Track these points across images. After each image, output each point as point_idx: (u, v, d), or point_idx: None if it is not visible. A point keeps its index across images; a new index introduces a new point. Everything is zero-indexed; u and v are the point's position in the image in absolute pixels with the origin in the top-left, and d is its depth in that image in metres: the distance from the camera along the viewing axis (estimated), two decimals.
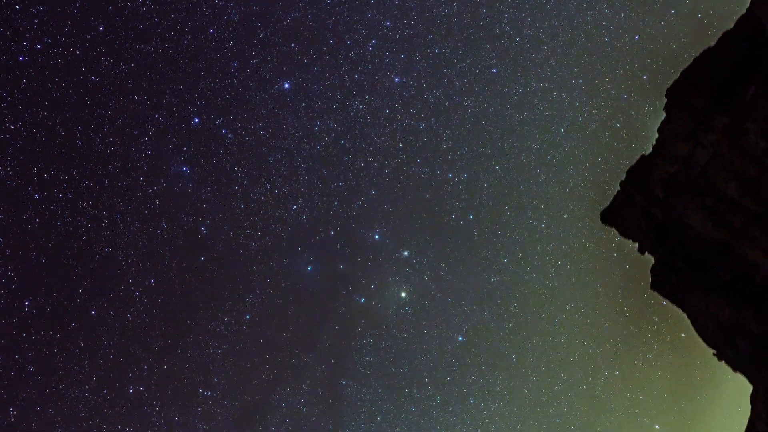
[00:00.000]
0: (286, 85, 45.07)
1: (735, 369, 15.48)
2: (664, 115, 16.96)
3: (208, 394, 45.55)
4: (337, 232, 48.13)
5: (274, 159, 45.70)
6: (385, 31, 45.72)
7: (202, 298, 45.70)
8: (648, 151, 17.74)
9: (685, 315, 17.34)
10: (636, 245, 18.65)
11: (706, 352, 17.01)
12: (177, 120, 42.62)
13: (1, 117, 37.26)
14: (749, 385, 15.73)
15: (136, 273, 43.25)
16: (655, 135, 17.43)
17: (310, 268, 48.34)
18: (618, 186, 18.59)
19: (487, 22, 46.97)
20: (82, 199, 40.98)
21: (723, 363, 16.06)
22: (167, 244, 43.91)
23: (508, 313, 50.56)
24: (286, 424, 46.91)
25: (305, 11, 43.68)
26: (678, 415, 48.20)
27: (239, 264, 46.35)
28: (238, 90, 43.66)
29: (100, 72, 39.77)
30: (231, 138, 44.30)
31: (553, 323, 50.27)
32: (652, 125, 47.35)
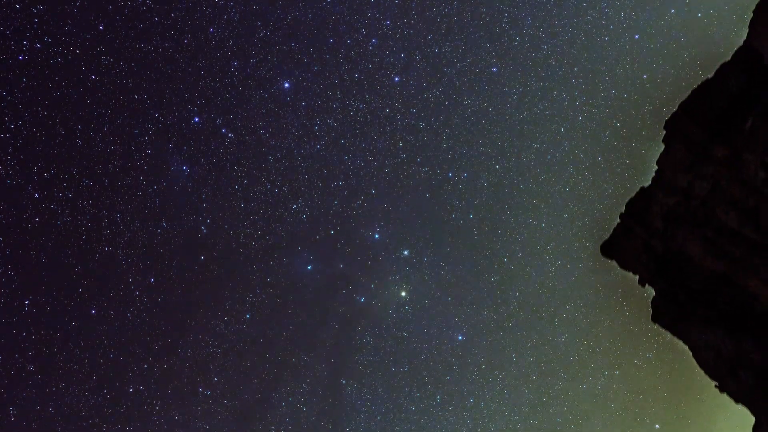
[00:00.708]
0: (286, 85, 45.11)
1: (737, 401, 15.40)
2: (662, 145, 17.08)
3: (208, 393, 45.61)
4: (337, 231, 48.18)
5: (274, 158, 45.74)
6: (385, 30, 45.74)
7: (202, 297, 45.76)
8: (647, 182, 17.88)
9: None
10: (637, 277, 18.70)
11: None
12: (177, 119, 42.67)
13: (1, 117, 37.28)
14: None
15: (136, 273, 43.32)
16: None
17: (310, 268, 48.38)
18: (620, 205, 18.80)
19: (487, 21, 47.00)
20: (82, 199, 41.02)
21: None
22: (167, 243, 43.96)
23: (508, 313, 50.59)
24: (286, 424, 46.95)
25: (305, 11, 43.70)
26: (678, 415, 48.24)
27: (239, 264, 46.41)
28: (238, 89, 43.70)
29: (100, 72, 39.81)
30: (231, 137, 44.34)
31: (553, 323, 50.30)
32: (652, 126, 47.40)
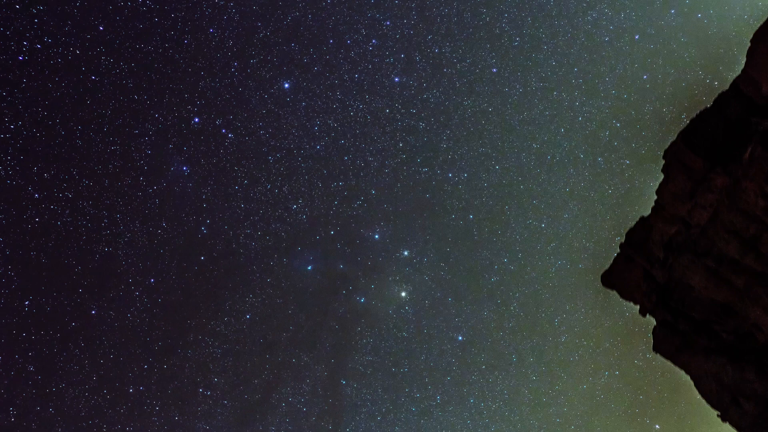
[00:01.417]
0: (286, 85, 45.12)
1: (740, 430, 15.36)
2: (662, 176, 17.16)
3: (208, 393, 45.59)
4: (337, 232, 48.18)
5: (274, 159, 45.75)
6: (385, 30, 45.75)
7: (202, 298, 45.74)
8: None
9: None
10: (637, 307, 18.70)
11: None
12: (177, 120, 42.68)
13: (1, 117, 37.30)
14: None
15: (136, 273, 43.31)
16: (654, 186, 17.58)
17: (310, 268, 48.38)
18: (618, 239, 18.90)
19: (487, 22, 47.00)
20: (82, 199, 41.03)
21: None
22: (167, 244, 43.96)
23: (508, 313, 50.57)
24: (286, 424, 46.93)
25: (305, 11, 43.71)
26: (678, 415, 48.23)
27: (239, 264, 46.41)
28: (238, 90, 43.71)
29: (100, 72, 39.82)
30: (231, 138, 44.35)
31: (553, 323, 50.26)
32: (652, 126, 47.39)
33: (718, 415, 16.01)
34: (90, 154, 40.72)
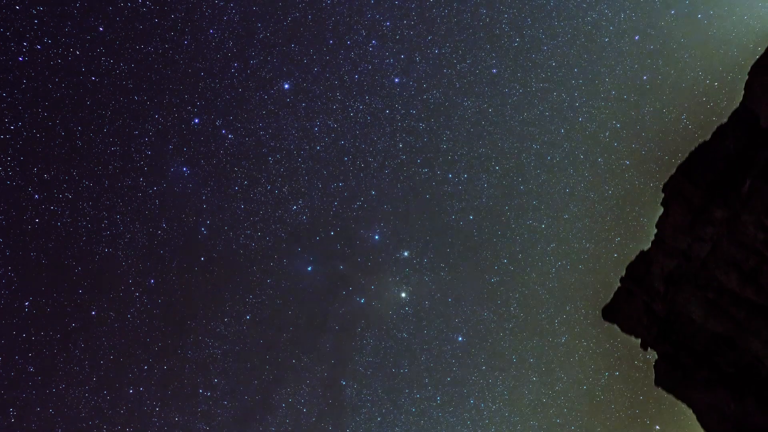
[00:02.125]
0: (286, 86, 45.13)
1: None
2: (661, 209, 17.27)
3: (208, 394, 45.58)
4: (337, 232, 48.18)
5: (274, 159, 45.76)
6: (385, 31, 45.77)
7: (202, 298, 45.73)
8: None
9: None
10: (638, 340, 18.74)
11: None
12: (177, 120, 42.68)
13: (1, 117, 37.29)
14: None
15: (136, 273, 43.30)
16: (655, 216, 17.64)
17: (310, 269, 48.38)
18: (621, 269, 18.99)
19: (487, 22, 47.02)
20: (82, 199, 41.03)
21: None
22: (167, 244, 43.96)
23: (508, 313, 50.57)
24: (286, 424, 46.92)
25: (305, 11, 43.72)
26: (678, 415, 48.23)
27: (239, 264, 46.39)
28: (238, 90, 43.72)
29: (100, 72, 39.82)
30: (231, 138, 44.35)
31: (553, 323, 50.24)
32: (652, 126, 47.40)
33: None
34: (90, 154, 40.76)
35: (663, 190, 17.02)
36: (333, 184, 47.44)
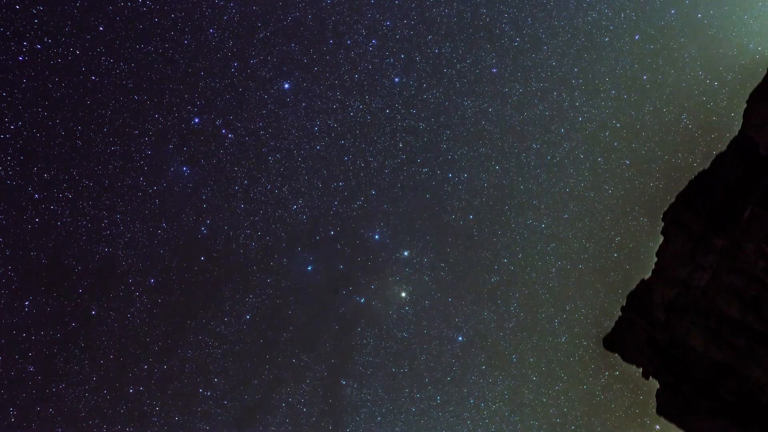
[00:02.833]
0: (286, 85, 45.08)
1: None
2: (662, 237, 17.27)
3: (208, 394, 45.53)
4: (337, 232, 48.13)
5: (274, 159, 45.72)
6: (385, 31, 45.74)
7: (202, 298, 45.68)
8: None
9: None
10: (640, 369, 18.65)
11: None
12: (177, 120, 42.63)
13: (1, 117, 37.28)
14: None
15: (136, 273, 43.24)
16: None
17: (310, 268, 48.34)
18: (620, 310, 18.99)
19: (487, 22, 47.00)
20: (82, 199, 40.98)
21: None
22: (167, 244, 43.91)
23: (508, 313, 50.53)
24: (286, 424, 46.89)
25: (305, 11, 43.68)
26: None
27: (239, 264, 46.34)
28: (238, 90, 43.67)
29: (100, 72, 39.78)
30: (231, 138, 44.32)
31: (553, 323, 50.20)
32: (652, 126, 47.40)
33: None
34: (90, 154, 40.70)
35: (663, 218, 17.10)
36: (333, 183, 47.46)
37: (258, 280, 46.73)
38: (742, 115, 15.62)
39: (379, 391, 49.12)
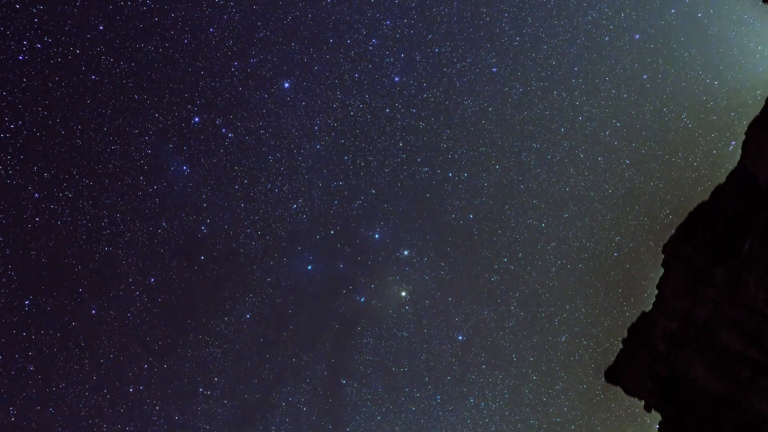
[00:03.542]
0: (286, 85, 45.09)
1: None
2: (662, 270, 17.33)
3: (208, 393, 45.55)
4: (337, 231, 48.13)
5: (274, 158, 45.71)
6: (385, 30, 45.72)
7: (202, 297, 45.69)
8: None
9: None
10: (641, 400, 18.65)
11: None
12: (177, 119, 42.62)
13: (1, 117, 37.29)
14: None
15: (136, 273, 43.25)
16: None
17: (310, 268, 48.35)
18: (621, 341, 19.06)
19: (487, 21, 46.98)
20: (82, 199, 40.99)
21: None
22: (167, 243, 43.92)
23: (508, 313, 50.52)
24: (286, 424, 46.90)
25: (305, 11, 43.66)
26: None
27: (239, 264, 46.36)
28: (238, 89, 43.66)
29: (100, 72, 39.78)
30: (231, 137, 44.32)
31: (553, 323, 50.21)
32: (652, 125, 47.39)
33: None
34: (90, 154, 40.71)
35: (663, 251, 17.10)
36: (333, 182, 47.45)
37: (258, 280, 46.78)
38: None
39: (379, 390, 49.16)
